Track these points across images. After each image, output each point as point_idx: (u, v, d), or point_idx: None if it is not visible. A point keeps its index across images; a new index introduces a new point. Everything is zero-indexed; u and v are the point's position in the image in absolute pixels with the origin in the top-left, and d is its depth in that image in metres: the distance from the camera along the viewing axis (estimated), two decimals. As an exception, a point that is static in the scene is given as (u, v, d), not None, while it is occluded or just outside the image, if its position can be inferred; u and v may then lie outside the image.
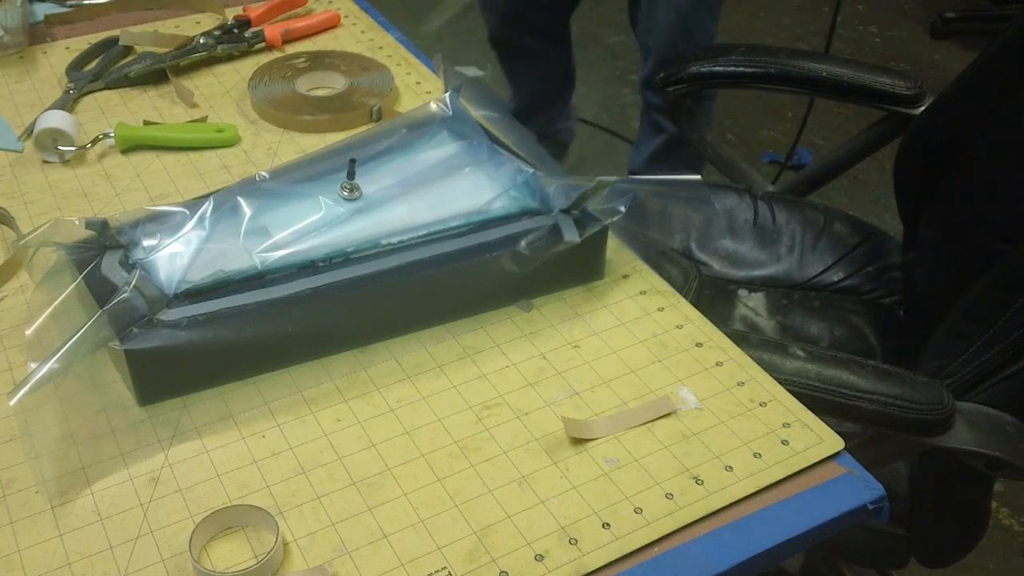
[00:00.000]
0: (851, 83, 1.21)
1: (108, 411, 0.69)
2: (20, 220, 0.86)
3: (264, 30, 1.13)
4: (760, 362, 0.75)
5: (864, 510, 0.66)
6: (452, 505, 0.64)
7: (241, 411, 0.70)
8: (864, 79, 1.20)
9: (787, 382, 0.74)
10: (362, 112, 1.01)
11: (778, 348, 0.86)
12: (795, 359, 0.85)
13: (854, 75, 1.21)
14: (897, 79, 1.20)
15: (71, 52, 1.10)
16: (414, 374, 0.74)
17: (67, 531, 0.62)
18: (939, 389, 0.85)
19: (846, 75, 1.21)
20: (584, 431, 0.69)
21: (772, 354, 0.84)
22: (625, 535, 0.63)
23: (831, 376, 0.84)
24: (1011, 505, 1.66)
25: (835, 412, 0.82)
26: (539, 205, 0.80)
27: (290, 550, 0.61)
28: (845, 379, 0.84)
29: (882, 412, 0.83)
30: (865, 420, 0.86)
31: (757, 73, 1.23)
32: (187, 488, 0.65)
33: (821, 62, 1.23)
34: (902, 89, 1.20)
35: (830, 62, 1.24)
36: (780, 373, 0.77)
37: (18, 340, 0.74)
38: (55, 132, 0.93)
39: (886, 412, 0.83)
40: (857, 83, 1.20)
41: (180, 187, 0.91)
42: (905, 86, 1.20)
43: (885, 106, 1.22)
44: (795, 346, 0.86)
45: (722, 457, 0.68)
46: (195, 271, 0.72)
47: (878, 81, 1.20)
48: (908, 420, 0.83)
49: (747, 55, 1.24)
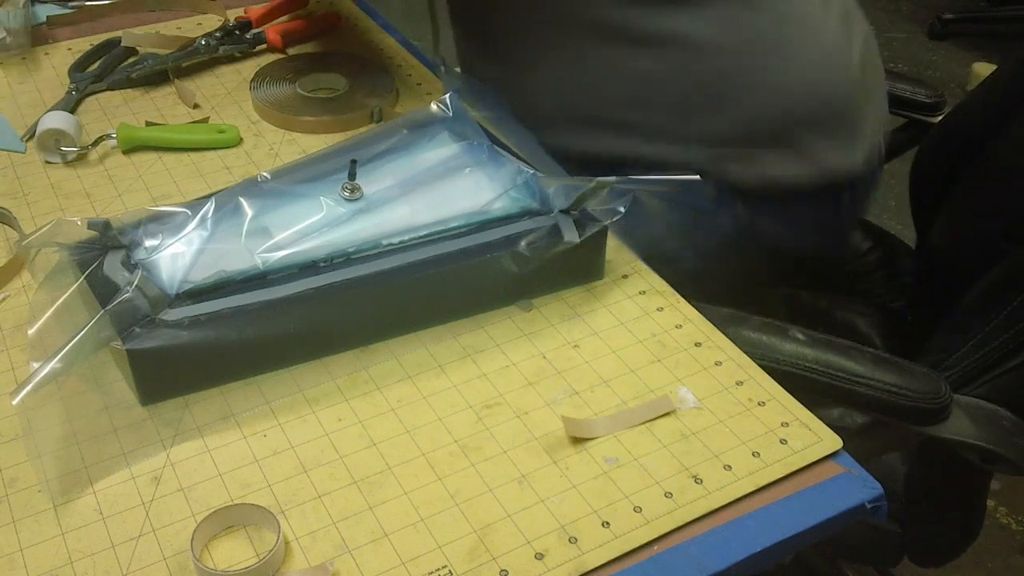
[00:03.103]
0: None
1: (110, 410, 0.70)
2: (22, 220, 0.86)
3: (265, 31, 1.13)
4: (759, 344, 0.76)
5: (862, 509, 0.66)
6: (452, 504, 0.65)
7: (243, 410, 0.70)
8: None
9: (785, 363, 0.75)
10: (363, 113, 1.01)
11: (778, 330, 0.86)
12: (794, 342, 0.85)
13: None
14: (918, 87, 1.21)
15: (73, 53, 1.10)
16: (415, 373, 0.74)
17: (69, 530, 0.62)
18: (937, 379, 0.85)
19: None
20: (584, 431, 0.69)
21: (772, 336, 0.84)
22: (624, 534, 0.63)
23: (829, 360, 0.84)
24: (1009, 504, 1.67)
25: (831, 396, 0.83)
26: (539, 205, 0.81)
27: (291, 549, 0.61)
28: (843, 364, 0.85)
29: (879, 398, 0.83)
30: (861, 406, 0.86)
31: None
32: (189, 487, 0.65)
33: None
34: (922, 97, 1.20)
35: None
36: (779, 355, 0.78)
37: (20, 340, 0.75)
38: (57, 133, 0.93)
39: (883, 398, 0.83)
40: None
41: (182, 188, 0.92)
42: (925, 94, 1.21)
43: (906, 113, 1.22)
44: (795, 329, 0.86)
45: (721, 456, 0.68)
46: (197, 271, 0.72)
47: (899, 88, 1.20)
48: (905, 408, 0.84)
49: None
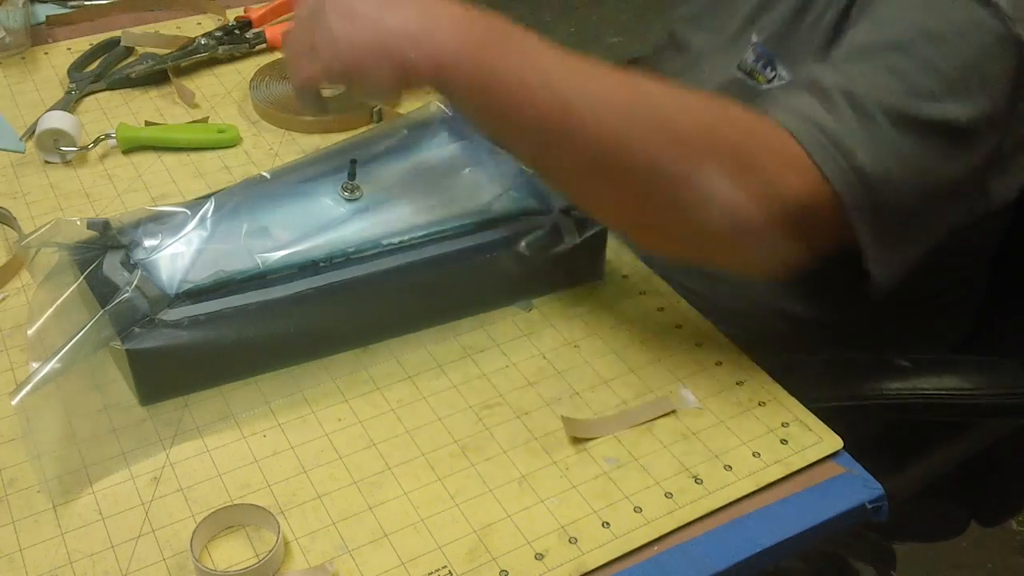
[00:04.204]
0: None
1: (110, 411, 0.70)
2: (22, 220, 0.86)
3: (265, 31, 1.13)
4: (859, 392, 0.77)
5: (863, 509, 0.66)
6: (452, 504, 0.64)
7: (242, 410, 0.70)
8: None
9: (899, 397, 0.76)
10: (363, 113, 1.01)
11: (878, 366, 0.84)
12: (902, 372, 0.83)
13: None
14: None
15: (73, 53, 1.10)
16: (415, 374, 0.74)
17: (69, 530, 0.62)
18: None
19: None
20: (584, 431, 0.69)
21: (876, 375, 0.82)
22: (625, 534, 0.63)
23: (943, 383, 0.83)
24: (1011, 505, 1.66)
25: (944, 416, 0.83)
26: (539, 205, 0.80)
27: (291, 549, 0.61)
28: (955, 383, 0.83)
29: (1000, 404, 0.83)
30: (980, 415, 0.86)
31: None
32: (188, 487, 0.65)
33: None
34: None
35: None
36: (888, 389, 0.79)
37: (20, 340, 0.75)
38: (57, 133, 0.93)
39: (1005, 403, 0.83)
40: None
41: (181, 187, 0.92)
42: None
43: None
44: (897, 359, 0.84)
45: (721, 456, 0.68)
46: (196, 271, 0.72)
47: None
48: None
49: None
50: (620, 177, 0.66)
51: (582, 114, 0.64)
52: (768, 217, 0.66)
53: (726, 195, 0.65)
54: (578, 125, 0.64)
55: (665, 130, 0.65)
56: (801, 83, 0.71)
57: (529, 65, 0.65)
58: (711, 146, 0.65)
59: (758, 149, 0.66)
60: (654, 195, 0.66)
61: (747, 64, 0.84)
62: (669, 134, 0.65)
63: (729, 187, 0.64)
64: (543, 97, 0.64)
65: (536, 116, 0.64)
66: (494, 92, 0.65)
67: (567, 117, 0.64)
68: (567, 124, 0.64)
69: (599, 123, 0.64)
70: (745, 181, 0.65)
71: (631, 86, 0.66)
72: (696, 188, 0.65)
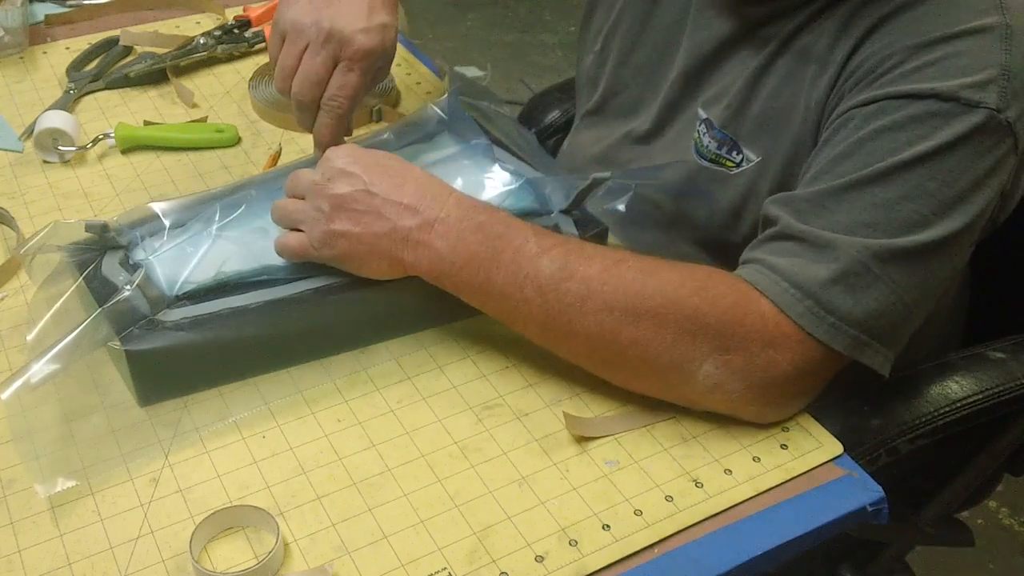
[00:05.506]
0: None
1: (109, 411, 0.69)
2: (20, 220, 0.86)
3: (264, 30, 1.13)
4: (956, 387, 0.77)
5: (863, 512, 0.66)
6: (452, 506, 0.64)
7: (241, 411, 0.70)
8: None
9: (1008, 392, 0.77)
10: (363, 113, 1.01)
11: (974, 361, 0.82)
12: (1000, 365, 0.82)
13: None
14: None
15: (71, 52, 1.10)
16: (414, 374, 0.74)
17: (67, 531, 0.62)
18: None
19: None
20: (585, 429, 0.69)
21: (975, 368, 0.81)
22: (625, 537, 0.63)
23: (968, 387, 0.81)
24: (1011, 505, 1.66)
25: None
26: (539, 205, 0.80)
27: (290, 550, 0.61)
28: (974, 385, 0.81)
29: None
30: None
31: None
32: (187, 488, 0.65)
33: None
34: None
35: None
36: (985, 382, 0.79)
37: (18, 341, 0.74)
38: (55, 132, 0.93)
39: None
40: None
41: (180, 187, 0.91)
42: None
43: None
44: (989, 350, 0.83)
45: (721, 460, 0.68)
46: (196, 272, 0.72)
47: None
48: None
49: None
50: (617, 364, 0.70)
51: (570, 318, 0.68)
52: (763, 394, 0.68)
53: (717, 381, 0.68)
54: (569, 330, 0.69)
55: (653, 326, 0.67)
56: (781, 231, 0.71)
57: (523, 275, 0.69)
58: (698, 336, 0.67)
59: (744, 332, 0.67)
60: (650, 379, 0.70)
61: (710, 152, 0.84)
62: (656, 331, 0.67)
63: (720, 374, 0.67)
64: (538, 304, 0.69)
65: (531, 318, 0.70)
66: (490, 297, 0.70)
67: (560, 321, 0.69)
68: (561, 327, 0.69)
69: (587, 325, 0.68)
70: (733, 370, 0.67)
71: (616, 276, 0.68)
72: (689, 375, 0.68)
